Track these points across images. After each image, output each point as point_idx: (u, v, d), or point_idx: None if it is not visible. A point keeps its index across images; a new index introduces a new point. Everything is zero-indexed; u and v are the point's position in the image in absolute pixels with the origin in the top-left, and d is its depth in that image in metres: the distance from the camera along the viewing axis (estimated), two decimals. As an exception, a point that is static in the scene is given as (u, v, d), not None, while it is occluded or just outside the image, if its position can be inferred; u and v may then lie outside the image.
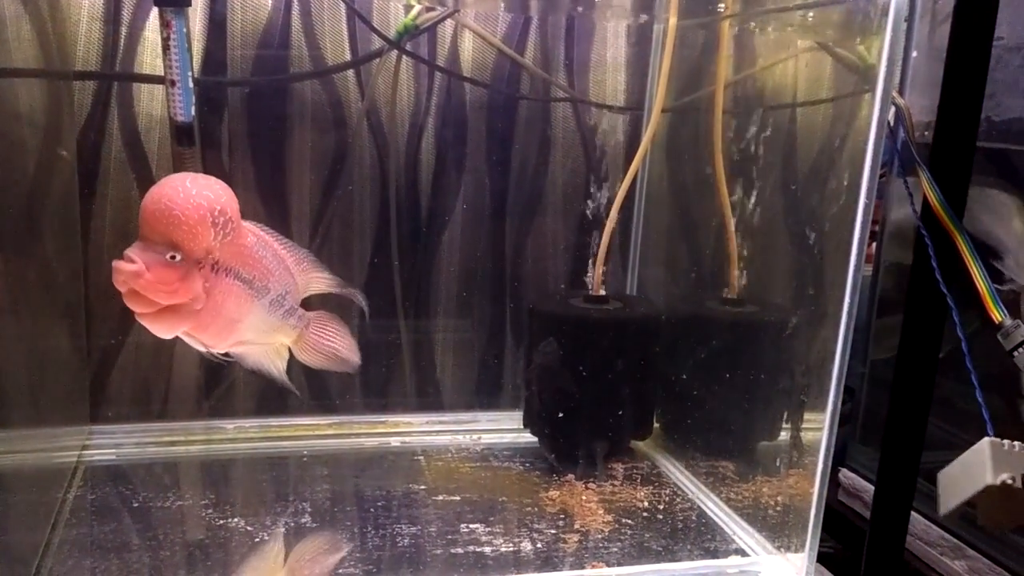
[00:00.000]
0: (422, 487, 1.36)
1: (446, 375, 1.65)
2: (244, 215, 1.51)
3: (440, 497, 1.33)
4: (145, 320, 1.02)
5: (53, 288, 1.42)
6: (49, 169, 1.41)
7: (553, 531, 1.24)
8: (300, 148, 1.52)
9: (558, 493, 1.36)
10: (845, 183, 1.10)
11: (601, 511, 1.31)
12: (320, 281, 1.22)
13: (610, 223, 1.50)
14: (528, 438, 1.52)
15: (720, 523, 1.32)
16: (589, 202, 1.60)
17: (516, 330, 1.66)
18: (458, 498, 1.33)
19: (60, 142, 1.42)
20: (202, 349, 1.11)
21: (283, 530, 1.22)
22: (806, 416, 1.25)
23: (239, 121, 1.48)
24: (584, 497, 1.35)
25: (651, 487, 1.40)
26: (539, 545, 1.20)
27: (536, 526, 1.26)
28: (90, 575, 1.08)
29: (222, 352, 1.13)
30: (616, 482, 1.40)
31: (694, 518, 1.32)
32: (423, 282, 1.61)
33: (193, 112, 1.25)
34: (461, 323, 1.64)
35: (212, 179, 1.04)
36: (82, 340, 1.48)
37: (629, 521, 1.29)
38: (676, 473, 1.47)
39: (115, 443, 1.45)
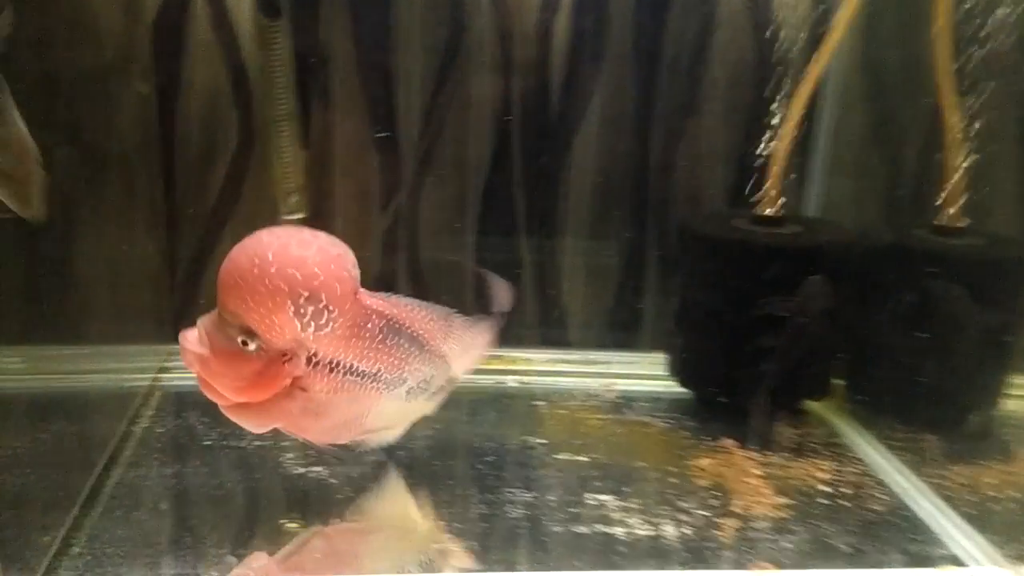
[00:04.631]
0: (541, 441, 1.14)
1: (575, 306, 1.42)
2: (343, 108, 1.33)
3: (562, 456, 1.10)
4: (227, 412, 0.82)
5: (132, 188, 1.26)
6: (128, 51, 1.22)
7: (704, 512, 0.99)
8: (408, 26, 1.30)
9: (711, 461, 1.09)
10: None
11: (767, 490, 1.03)
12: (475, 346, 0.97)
13: (789, 124, 1.19)
14: (674, 388, 1.27)
15: (927, 518, 1.02)
16: (761, 98, 1.28)
17: (662, 256, 1.40)
18: (584, 459, 1.10)
19: (139, 21, 1.24)
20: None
21: (370, 485, 1.01)
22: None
23: (337, -10, 1.27)
24: (744, 469, 1.08)
25: (832, 462, 1.11)
26: (686, 531, 0.95)
27: (682, 504, 1.00)
28: (139, 533, 0.90)
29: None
30: (786, 452, 1.12)
31: (892, 509, 1.03)
32: (550, 195, 1.38)
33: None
34: (595, 245, 1.41)
35: (316, 246, 0.76)
36: (164, 249, 1.32)
37: (805, 506, 1.01)
38: (864, 446, 1.17)
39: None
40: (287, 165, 1.24)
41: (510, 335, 1.35)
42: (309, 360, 0.79)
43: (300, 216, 1.29)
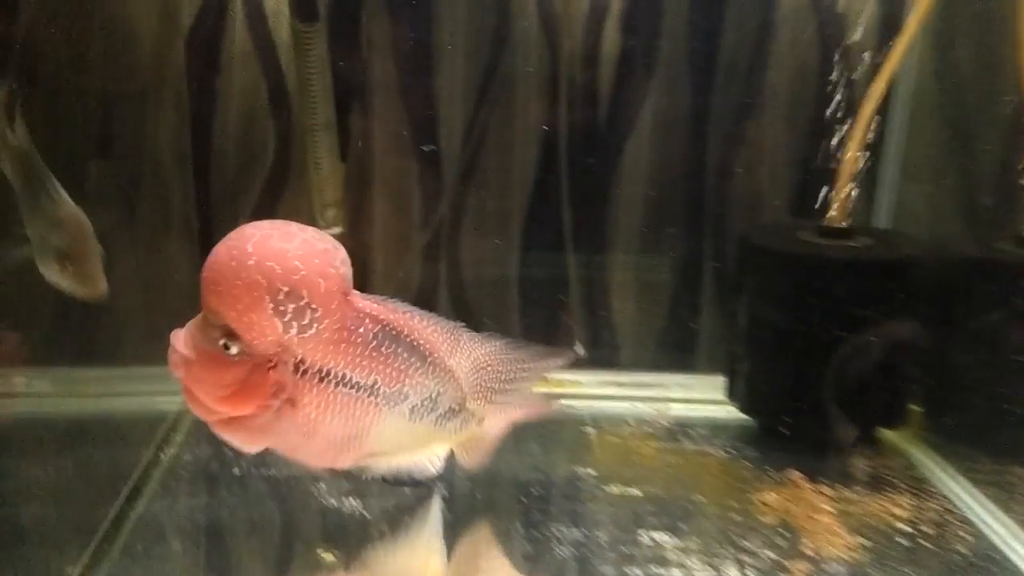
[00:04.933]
0: (590, 471, 1.06)
1: (625, 324, 1.34)
2: (382, 118, 1.28)
3: (613, 488, 1.02)
4: (214, 429, 0.76)
5: (166, 204, 1.23)
6: (162, 63, 1.21)
7: (772, 553, 0.90)
8: (451, 31, 1.24)
9: (777, 496, 1.00)
10: None
11: (840, 528, 0.94)
12: (492, 372, 0.87)
13: (859, 128, 1.10)
14: (734, 413, 1.18)
15: (1018, 561, 0.92)
16: (826, 101, 1.19)
17: (720, 270, 1.31)
18: (637, 492, 1.01)
19: (175, 29, 1.20)
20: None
21: (407, 519, 0.94)
22: None
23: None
24: (814, 505, 0.98)
25: (910, 497, 1.01)
26: (750, 574, 0.87)
27: (746, 544, 0.91)
28: (159, 572, 0.84)
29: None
30: (859, 486, 1.02)
31: (979, 551, 0.93)
32: (599, 206, 1.30)
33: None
34: (647, 260, 1.32)
35: (299, 239, 0.71)
36: (199, 266, 1.27)
37: (882, 547, 0.91)
38: (946, 479, 1.07)
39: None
40: (324, 177, 1.18)
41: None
42: (296, 368, 0.72)
43: (338, 230, 1.23)
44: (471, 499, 0.98)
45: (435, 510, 0.96)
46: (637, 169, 1.28)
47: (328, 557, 0.87)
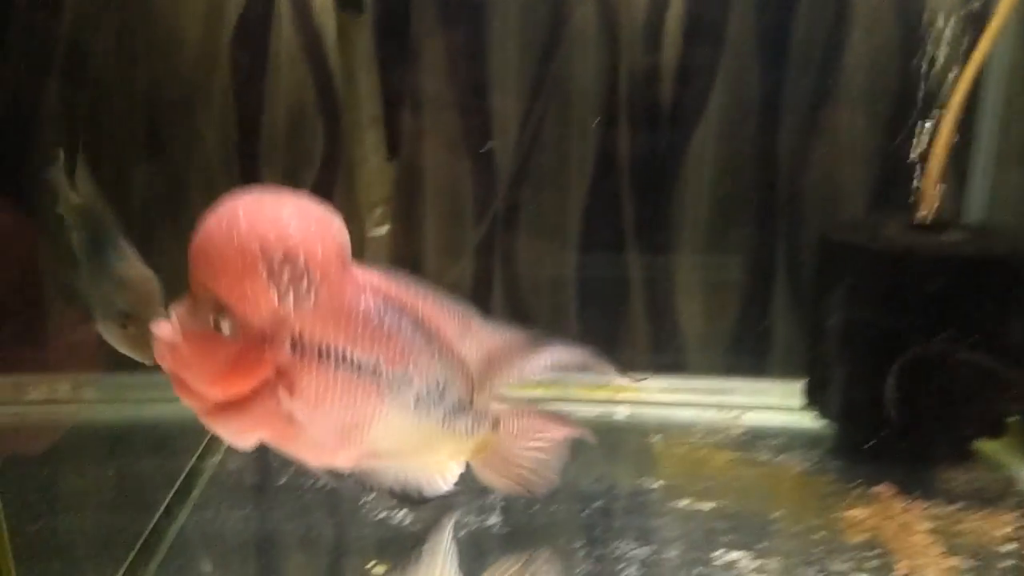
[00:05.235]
0: (658, 484, 0.99)
1: (693, 326, 1.26)
2: (432, 114, 1.23)
3: (683, 502, 0.95)
4: (204, 419, 0.68)
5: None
6: (207, 63, 1.19)
7: (861, 577, 0.81)
8: (504, 18, 1.18)
9: (864, 513, 0.91)
10: None
11: (936, 548, 0.85)
12: (507, 363, 0.78)
13: (950, 117, 1.01)
14: (812, 422, 1.10)
15: None
16: (911, 85, 1.10)
17: (794, 268, 1.22)
18: (709, 506, 0.94)
19: (220, 28, 1.17)
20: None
21: (463, 534, 0.89)
22: None
23: (425, -19, 1.17)
24: (906, 523, 0.90)
25: (1012, 514, 0.92)
26: (839, 599, 0.79)
27: (833, 566, 0.83)
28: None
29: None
30: (955, 502, 0.93)
31: (1099, 578, 0.83)
32: (663, 202, 1.23)
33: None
34: (715, 258, 1.24)
35: (293, 203, 0.65)
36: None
37: (983, 569, 0.83)
38: (1052, 495, 0.97)
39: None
40: (371, 175, 1.14)
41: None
42: (293, 345, 0.66)
43: (386, 229, 1.19)
44: (528, 513, 0.92)
45: (492, 524, 0.90)
46: (704, 161, 1.20)
47: (379, 570, 0.82)
